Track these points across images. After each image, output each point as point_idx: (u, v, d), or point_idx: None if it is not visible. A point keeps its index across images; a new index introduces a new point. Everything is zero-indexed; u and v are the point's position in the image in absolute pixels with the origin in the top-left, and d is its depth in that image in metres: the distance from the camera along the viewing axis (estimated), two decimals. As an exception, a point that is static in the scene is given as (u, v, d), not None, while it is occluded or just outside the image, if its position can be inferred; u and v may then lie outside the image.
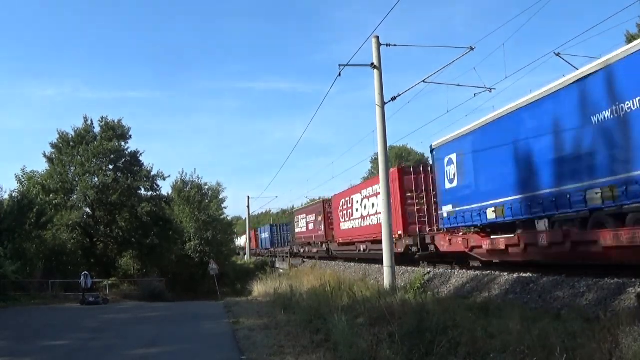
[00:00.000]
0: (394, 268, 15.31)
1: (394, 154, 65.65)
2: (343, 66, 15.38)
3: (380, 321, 8.72)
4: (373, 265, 21.90)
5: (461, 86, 16.58)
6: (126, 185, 32.67)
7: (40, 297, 23.47)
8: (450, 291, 14.01)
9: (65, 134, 33.87)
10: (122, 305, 22.06)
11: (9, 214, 24.88)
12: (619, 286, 9.37)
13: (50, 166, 33.42)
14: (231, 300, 21.20)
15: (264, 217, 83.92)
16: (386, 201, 15.55)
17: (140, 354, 9.09)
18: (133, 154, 34.82)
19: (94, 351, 9.72)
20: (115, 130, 34.12)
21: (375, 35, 15.52)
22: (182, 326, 13.01)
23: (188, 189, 44.25)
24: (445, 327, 7.24)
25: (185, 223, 41.14)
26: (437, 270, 16.65)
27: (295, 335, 9.51)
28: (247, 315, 13.58)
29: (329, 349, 7.87)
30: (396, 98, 15.97)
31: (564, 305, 9.67)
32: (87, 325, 13.82)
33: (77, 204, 32.41)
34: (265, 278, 25.80)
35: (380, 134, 15.44)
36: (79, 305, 21.41)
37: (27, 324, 15.03)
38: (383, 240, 15.53)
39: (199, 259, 40.24)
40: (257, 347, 8.72)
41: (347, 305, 11.38)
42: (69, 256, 29.96)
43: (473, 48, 14.40)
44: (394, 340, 7.10)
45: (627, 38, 28.49)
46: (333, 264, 29.27)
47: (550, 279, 11.33)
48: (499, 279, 12.97)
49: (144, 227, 32.89)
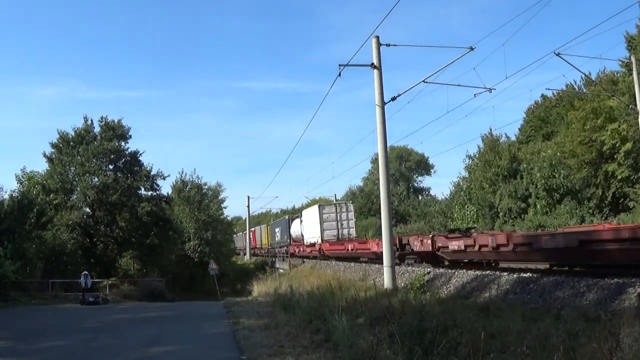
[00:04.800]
0: (394, 268, 15.32)
1: (394, 154, 65.68)
2: (343, 66, 15.39)
3: (380, 321, 8.71)
4: (373, 265, 21.91)
5: (461, 86, 16.62)
6: (126, 185, 32.66)
7: (40, 297, 23.45)
8: (451, 291, 14.01)
9: (65, 133, 33.89)
10: (122, 305, 22.04)
11: (9, 214, 24.88)
12: (619, 286, 9.37)
13: (50, 166, 33.42)
14: (231, 300, 21.17)
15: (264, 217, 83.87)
16: (386, 203, 15.56)
17: (140, 354, 9.09)
18: (133, 154, 34.81)
19: (94, 351, 9.72)
20: (115, 130, 34.12)
21: (375, 36, 15.52)
22: (182, 326, 13.00)
23: (188, 189, 44.31)
24: (445, 327, 7.23)
25: (185, 223, 41.17)
26: (437, 271, 16.64)
27: (295, 335, 9.51)
28: (247, 315, 13.57)
29: (329, 349, 7.87)
30: (396, 98, 15.98)
31: (564, 305, 9.67)
32: (87, 326, 13.81)
33: (77, 204, 32.42)
34: (265, 278, 25.81)
35: (380, 134, 15.44)
36: (79, 305, 21.40)
37: (27, 324, 15.02)
38: (383, 240, 15.55)
39: (199, 259, 40.32)
40: (257, 347, 8.71)
41: (347, 305, 11.37)
42: (69, 256, 29.92)
43: (473, 48, 14.40)
44: (394, 340, 7.09)
45: (626, 38, 28.56)
46: (333, 264, 29.28)
47: (550, 279, 11.33)
48: (499, 279, 12.97)
49: (144, 227, 32.87)
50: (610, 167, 26.56)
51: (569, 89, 35.63)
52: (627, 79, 26.37)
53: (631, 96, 23.51)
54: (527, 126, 41.11)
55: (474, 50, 14.42)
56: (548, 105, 39.73)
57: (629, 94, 24.62)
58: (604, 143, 26.25)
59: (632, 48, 27.56)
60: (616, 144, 25.73)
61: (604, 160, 27.16)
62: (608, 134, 25.91)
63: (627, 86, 25.53)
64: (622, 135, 25.44)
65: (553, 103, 39.21)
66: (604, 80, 29.54)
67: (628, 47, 28.29)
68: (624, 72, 28.21)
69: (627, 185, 26.30)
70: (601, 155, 26.99)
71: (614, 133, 25.66)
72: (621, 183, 26.54)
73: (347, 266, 26.33)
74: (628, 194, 26.23)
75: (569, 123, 30.47)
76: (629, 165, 25.66)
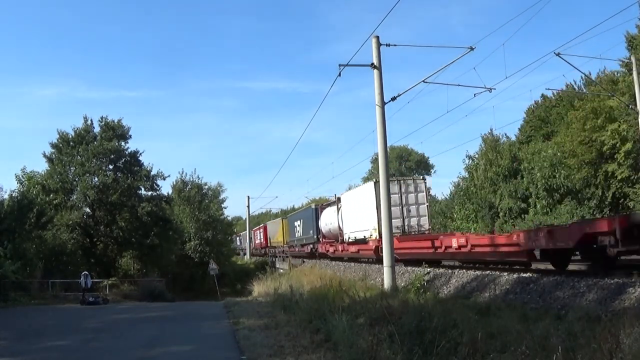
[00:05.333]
0: (394, 268, 15.31)
1: (395, 154, 65.67)
2: (343, 66, 15.39)
3: (380, 321, 8.70)
4: (373, 265, 21.91)
5: (461, 86, 16.63)
6: (126, 185, 32.67)
7: (40, 297, 23.43)
8: (451, 291, 14.02)
9: (65, 133, 33.91)
10: (122, 305, 22.03)
11: (9, 214, 24.86)
12: (619, 286, 9.37)
13: (50, 166, 33.42)
14: (231, 300, 21.15)
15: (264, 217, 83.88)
16: (386, 203, 15.55)
17: (140, 354, 9.08)
18: (133, 154, 34.82)
19: (94, 351, 9.71)
20: (115, 130, 34.13)
21: (375, 36, 15.51)
22: (182, 326, 12.99)
23: (188, 189, 44.34)
24: (445, 327, 7.23)
25: (185, 223, 41.20)
26: (437, 271, 16.64)
27: (295, 335, 9.50)
28: (247, 315, 13.56)
29: (329, 349, 7.86)
30: (396, 98, 15.98)
31: (564, 305, 9.67)
32: (87, 326, 13.80)
33: (77, 204, 32.43)
34: (265, 278, 25.78)
35: (380, 134, 15.43)
36: (79, 305, 21.38)
37: (27, 324, 14.99)
38: (383, 240, 15.54)
39: (199, 259, 40.36)
40: (257, 347, 8.69)
41: (347, 305, 11.36)
42: (69, 256, 29.93)
43: (473, 48, 14.41)
44: (394, 340, 7.08)
45: (626, 38, 28.54)
46: (333, 264, 29.26)
47: (550, 279, 11.33)
48: (499, 279, 12.96)
49: (144, 227, 32.88)
50: (610, 167, 26.53)
51: (569, 89, 35.60)
52: (627, 79, 26.34)
53: (631, 96, 23.49)
54: (527, 126, 41.08)
55: (474, 50, 14.44)
56: (548, 105, 39.69)
57: (629, 94, 24.60)
58: (604, 143, 26.23)
59: (632, 48, 27.53)
60: (616, 144, 25.70)
61: (604, 160, 27.13)
62: (608, 134, 25.88)
63: (627, 86, 25.51)
64: (622, 135, 25.41)
65: (553, 103, 39.17)
66: (604, 80, 29.49)
67: (628, 47, 28.25)
68: (624, 72, 28.17)
69: (627, 186, 26.28)
70: (601, 155, 26.96)
71: (614, 133, 25.63)
72: (621, 183, 26.52)
73: (347, 266, 26.32)
74: (628, 194, 26.22)
75: (569, 123, 30.44)
76: (629, 165, 25.64)
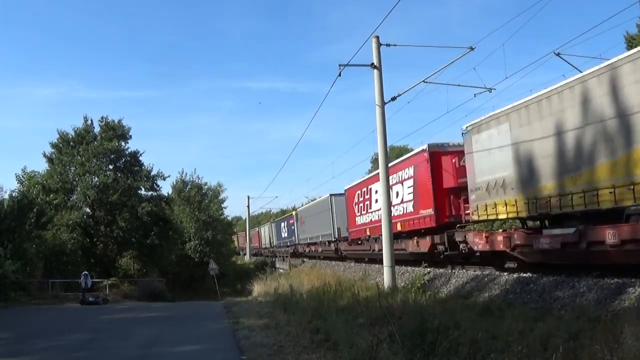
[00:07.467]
0: (394, 268, 15.29)
1: (394, 154, 65.34)
2: (343, 66, 15.36)
3: (380, 321, 8.70)
4: (373, 265, 21.89)
5: (461, 86, 16.57)
6: (126, 185, 32.67)
7: (40, 297, 23.44)
8: (451, 291, 14.00)
9: (65, 133, 33.93)
10: (122, 305, 22.04)
11: (9, 214, 24.87)
12: (619, 286, 9.36)
13: (50, 166, 33.43)
14: (231, 300, 21.20)
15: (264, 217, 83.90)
16: (386, 203, 15.54)
17: (140, 354, 9.08)
18: (133, 154, 34.84)
19: (94, 351, 9.70)
20: (115, 130, 34.15)
21: (375, 36, 15.49)
22: (182, 326, 12.99)
23: (188, 189, 44.34)
24: (445, 328, 7.22)
25: (185, 223, 41.20)
26: (437, 270, 16.63)
27: (295, 335, 9.50)
28: (247, 315, 13.57)
29: (329, 349, 7.86)
30: (396, 98, 15.96)
31: (564, 305, 9.66)
32: (87, 325, 13.81)
33: (77, 203, 32.43)
34: (265, 278, 25.79)
35: (380, 134, 15.42)
36: (79, 305, 21.40)
37: (27, 324, 15.01)
38: (383, 240, 15.50)
39: (199, 259, 40.34)
40: (257, 347, 8.70)
41: (347, 305, 11.37)
42: (69, 256, 29.94)
43: (473, 48, 14.38)
44: (394, 341, 7.08)
45: (626, 38, 28.53)
46: (333, 263, 29.27)
47: (550, 279, 11.32)
48: (499, 279, 12.96)
49: (144, 227, 32.89)
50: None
51: (569, 89, 35.55)
52: (627, 79, 26.32)
53: (631, 96, 23.46)
54: (527, 126, 41.05)
55: (473, 50, 14.40)
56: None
57: (629, 94, 24.58)
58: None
59: (631, 48, 27.50)
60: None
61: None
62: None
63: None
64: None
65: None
66: (604, 80, 29.46)
67: (628, 47, 28.21)
68: (624, 72, 28.13)
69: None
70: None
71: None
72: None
73: (347, 266, 26.32)
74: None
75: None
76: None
